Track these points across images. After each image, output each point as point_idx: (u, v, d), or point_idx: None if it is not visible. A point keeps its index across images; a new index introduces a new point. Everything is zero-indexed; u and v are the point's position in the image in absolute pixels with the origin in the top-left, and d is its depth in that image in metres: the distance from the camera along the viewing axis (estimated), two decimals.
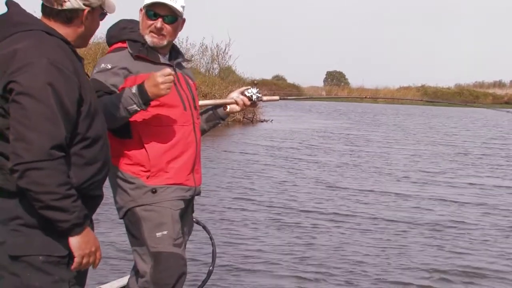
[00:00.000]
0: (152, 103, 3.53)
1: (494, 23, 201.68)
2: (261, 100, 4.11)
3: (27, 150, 2.52)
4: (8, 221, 2.67)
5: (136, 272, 3.75)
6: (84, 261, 2.75)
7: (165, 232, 3.54)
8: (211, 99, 4.39)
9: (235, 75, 36.46)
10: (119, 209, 3.69)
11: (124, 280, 4.63)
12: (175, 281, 3.60)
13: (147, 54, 3.63)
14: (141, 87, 3.43)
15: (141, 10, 3.70)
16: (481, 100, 77.89)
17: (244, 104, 4.05)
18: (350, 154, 19.61)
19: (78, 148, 2.74)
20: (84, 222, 2.72)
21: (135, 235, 3.61)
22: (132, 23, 3.80)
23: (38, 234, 2.67)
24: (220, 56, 35.38)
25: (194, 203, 3.97)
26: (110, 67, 3.55)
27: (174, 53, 3.86)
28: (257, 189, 12.44)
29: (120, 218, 3.72)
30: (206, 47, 34.96)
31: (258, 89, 4.07)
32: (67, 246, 2.72)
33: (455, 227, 9.60)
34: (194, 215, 4.04)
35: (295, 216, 10.10)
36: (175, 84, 3.62)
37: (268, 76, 78.54)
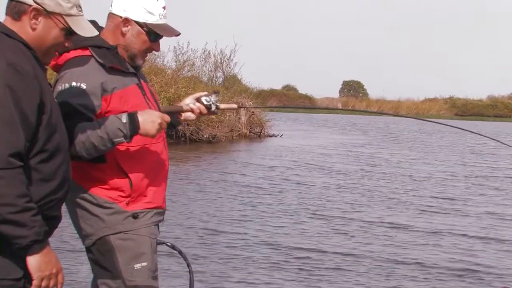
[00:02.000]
0: None
1: None
2: (218, 109, 3.98)
3: None
4: None
5: None
6: (44, 284, 2.68)
7: (144, 264, 3.44)
8: (235, 105, 5.03)
9: (241, 84, 35.15)
10: (85, 236, 3.52)
11: None
12: None
13: (119, 64, 3.45)
14: (133, 118, 3.30)
15: (127, 20, 3.44)
16: None
17: (201, 113, 3.91)
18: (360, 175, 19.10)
19: (35, 162, 2.67)
20: (44, 239, 2.66)
21: (106, 267, 3.46)
22: (95, 25, 3.59)
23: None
24: (224, 63, 34.29)
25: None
26: (84, 87, 3.30)
27: (130, 60, 3.73)
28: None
29: (87, 247, 3.56)
30: (209, 53, 33.87)
31: (217, 97, 3.97)
32: (23, 267, 2.65)
33: None
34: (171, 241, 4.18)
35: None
36: (143, 95, 3.58)
37: (278, 86, 74.75)
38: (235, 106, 4.77)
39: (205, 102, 3.86)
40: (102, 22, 3.58)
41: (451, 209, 13.79)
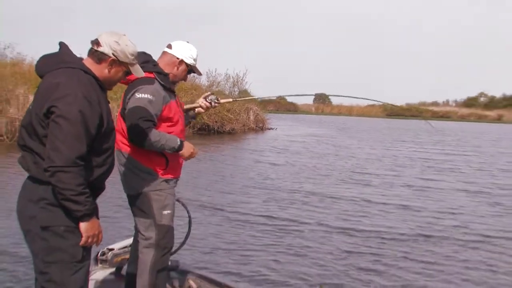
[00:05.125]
0: (168, 122, 3.63)
1: (434, 60, 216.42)
2: (219, 103, 4.16)
3: (59, 158, 2.57)
4: (38, 201, 2.72)
5: (139, 236, 3.73)
6: (89, 240, 2.79)
7: (169, 211, 3.63)
8: (230, 99, 4.73)
9: (250, 95, 35.92)
10: (133, 188, 3.62)
11: (127, 242, 4.72)
12: (171, 245, 3.71)
13: (170, 86, 3.66)
14: (181, 146, 3.59)
15: (181, 61, 3.75)
16: (423, 114, 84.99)
17: (206, 107, 4.15)
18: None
19: (93, 156, 2.79)
20: (92, 213, 2.75)
21: (144, 210, 3.59)
22: (149, 57, 3.75)
23: (60, 211, 2.71)
24: (239, 82, 37.14)
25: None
26: (151, 97, 3.47)
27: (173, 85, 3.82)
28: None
29: (131, 195, 3.65)
30: (229, 76, 36.69)
31: (215, 96, 4.18)
32: (75, 222, 2.77)
33: None
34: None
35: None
36: (178, 107, 3.75)
37: (273, 95, 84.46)
38: (230, 99, 4.88)
39: (208, 100, 4.15)
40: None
41: (382, 182, 14.25)
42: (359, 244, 7.33)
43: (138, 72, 2.98)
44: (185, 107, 4.04)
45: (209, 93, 4.18)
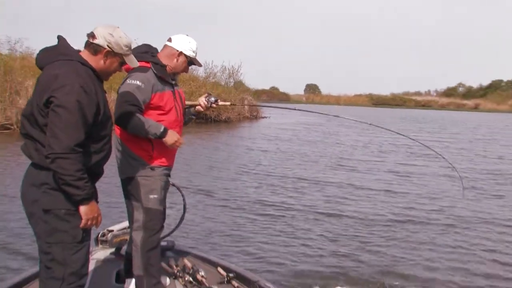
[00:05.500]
0: (159, 110, 3.58)
1: (414, 52, 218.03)
2: (217, 104, 4.10)
3: (58, 145, 2.57)
4: (40, 186, 2.72)
5: (130, 218, 3.72)
6: (89, 223, 2.78)
7: (155, 196, 3.58)
8: (229, 103, 4.47)
9: (244, 86, 37.94)
10: (122, 173, 3.61)
11: (126, 223, 4.69)
12: (159, 227, 3.67)
13: (166, 77, 3.59)
14: (164, 133, 3.49)
15: (181, 53, 3.69)
16: (407, 103, 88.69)
17: (206, 107, 4.09)
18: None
19: (91, 142, 2.77)
20: (91, 197, 2.74)
21: (133, 194, 3.58)
22: (151, 48, 3.72)
23: (61, 195, 2.70)
24: (234, 73, 36.99)
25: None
26: (141, 84, 3.43)
27: (173, 76, 3.80)
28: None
29: (122, 179, 3.64)
30: (225, 68, 36.41)
31: (215, 98, 4.11)
32: (75, 205, 2.75)
33: None
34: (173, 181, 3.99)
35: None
36: (174, 99, 3.64)
37: (267, 87, 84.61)
38: (228, 103, 4.62)
39: (207, 100, 4.09)
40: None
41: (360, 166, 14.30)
42: (345, 227, 7.38)
43: (132, 62, 2.96)
44: (186, 103, 4.00)
45: (209, 93, 4.13)
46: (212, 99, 4.05)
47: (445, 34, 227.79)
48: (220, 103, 4.14)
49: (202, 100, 4.07)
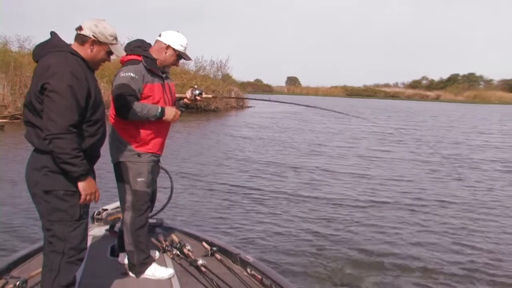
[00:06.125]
0: (148, 100, 3.57)
1: (385, 46, 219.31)
2: (201, 96, 4.04)
3: (54, 126, 2.57)
4: (41, 168, 2.72)
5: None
6: (88, 198, 2.77)
7: (143, 179, 3.56)
8: (217, 95, 4.10)
9: (231, 78, 37.92)
10: (113, 157, 3.60)
11: (117, 204, 4.64)
12: (146, 208, 3.66)
13: (155, 69, 3.55)
14: (162, 112, 3.49)
15: (168, 46, 3.63)
16: (377, 94, 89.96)
17: (191, 99, 4.05)
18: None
19: (86, 126, 2.77)
20: (87, 173, 2.73)
21: (123, 177, 3.57)
22: (144, 43, 3.67)
23: (60, 177, 2.71)
24: (222, 67, 36.83)
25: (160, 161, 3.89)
26: (134, 75, 3.43)
27: (163, 69, 3.76)
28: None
29: (114, 163, 3.62)
30: (214, 62, 36.30)
31: (200, 90, 4.05)
32: (75, 186, 2.75)
33: None
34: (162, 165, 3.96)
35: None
36: (163, 91, 3.61)
37: (252, 79, 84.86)
38: (210, 95, 4.51)
39: (193, 93, 4.04)
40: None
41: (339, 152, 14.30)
42: (318, 210, 7.41)
43: (118, 51, 2.94)
44: (176, 95, 3.98)
45: (194, 87, 4.09)
46: (197, 92, 4.01)
47: (414, 29, 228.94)
48: (204, 95, 4.11)
49: (188, 93, 4.06)
